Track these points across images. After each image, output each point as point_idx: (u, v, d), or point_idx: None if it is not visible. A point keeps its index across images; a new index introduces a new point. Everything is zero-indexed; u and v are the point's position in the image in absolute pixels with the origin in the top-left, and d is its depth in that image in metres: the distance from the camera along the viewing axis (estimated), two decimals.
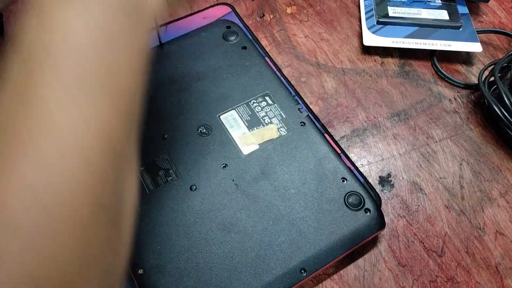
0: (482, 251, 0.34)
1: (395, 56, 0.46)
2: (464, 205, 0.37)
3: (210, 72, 0.41)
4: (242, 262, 0.31)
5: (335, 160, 0.36)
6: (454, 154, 0.39)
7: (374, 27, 0.46)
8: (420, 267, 0.34)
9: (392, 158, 0.39)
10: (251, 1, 0.50)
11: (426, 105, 0.43)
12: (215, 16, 0.48)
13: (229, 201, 0.34)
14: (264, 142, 0.37)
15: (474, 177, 0.38)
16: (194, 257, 0.31)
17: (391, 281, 0.33)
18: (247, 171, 0.35)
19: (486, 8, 0.50)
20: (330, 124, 0.41)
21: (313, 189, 0.34)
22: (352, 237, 0.32)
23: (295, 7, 0.50)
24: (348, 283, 0.33)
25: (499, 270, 0.34)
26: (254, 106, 0.39)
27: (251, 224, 0.33)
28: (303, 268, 0.31)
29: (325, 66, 0.45)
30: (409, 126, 0.41)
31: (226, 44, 0.43)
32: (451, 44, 0.45)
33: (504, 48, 0.47)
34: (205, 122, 0.38)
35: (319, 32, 0.48)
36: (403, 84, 0.44)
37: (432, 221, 0.36)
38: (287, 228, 0.32)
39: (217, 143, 0.37)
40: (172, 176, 0.35)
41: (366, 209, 0.33)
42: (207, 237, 0.32)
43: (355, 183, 0.35)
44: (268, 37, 0.47)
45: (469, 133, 0.41)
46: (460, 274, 0.33)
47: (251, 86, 0.40)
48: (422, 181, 0.38)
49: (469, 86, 0.44)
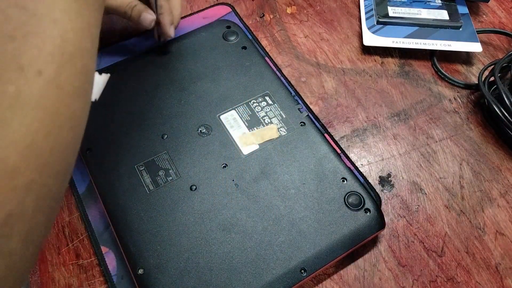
0: (482, 251, 0.34)
1: (395, 56, 0.46)
2: (464, 205, 0.37)
3: (210, 72, 0.41)
4: (242, 262, 0.31)
5: (335, 160, 0.36)
6: (454, 154, 0.39)
7: (374, 27, 0.46)
8: (420, 267, 0.34)
9: (392, 158, 0.39)
10: (251, 1, 0.50)
11: (426, 105, 0.43)
12: (215, 16, 0.48)
13: (229, 201, 0.34)
14: (264, 142, 0.37)
15: (474, 177, 0.38)
16: (194, 257, 0.31)
17: (391, 281, 0.33)
18: (247, 171, 0.35)
19: (486, 8, 0.50)
20: (330, 124, 0.41)
21: (313, 189, 0.34)
22: (352, 237, 0.32)
23: (295, 7, 0.50)
24: (348, 283, 0.33)
25: (499, 270, 0.34)
26: (254, 106, 0.39)
27: (251, 224, 0.33)
28: (303, 268, 0.31)
29: (325, 66, 0.45)
30: (409, 126, 0.41)
31: (226, 44, 0.43)
32: (451, 44, 0.45)
33: (504, 48, 0.47)
34: (205, 122, 0.38)
35: (319, 32, 0.48)
36: (403, 84, 0.44)
37: (432, 221, 0.36)
38: (287, 228, 0.32)
39: (217, 143, 0.37)
40: (172, 176, 0.35)
41: (366, 209, 0.33)
42: (207, 237, 0.32)
43: (355, 183, 0.35)
44: (268, 37, 0.47)
45: (469, 133, 0.41)
46: (460, 274, 0.33)
47: (251, 86, 0.40)
48: (422, 181, 0.38)
49: (469, 86, 0.44)
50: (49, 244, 0.34)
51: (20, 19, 0.17)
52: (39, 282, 0.33)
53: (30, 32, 0.17)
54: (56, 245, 0.34)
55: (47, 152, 0.17)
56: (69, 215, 0.36)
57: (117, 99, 0.39)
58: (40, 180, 0.17)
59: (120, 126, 0.38)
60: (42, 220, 0.18)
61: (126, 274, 0.32)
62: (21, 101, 0.16)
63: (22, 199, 0.16)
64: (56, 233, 0.35)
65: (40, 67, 0.17)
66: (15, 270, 0.17)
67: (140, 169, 0.35)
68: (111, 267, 0.33)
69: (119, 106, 0.39)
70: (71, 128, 0.19)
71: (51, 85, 0.17)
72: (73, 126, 0.19)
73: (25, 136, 0.16)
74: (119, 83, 0.40)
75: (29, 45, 0.17)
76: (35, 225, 0.18)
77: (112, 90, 0.40)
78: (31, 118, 0.16)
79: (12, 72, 0.16)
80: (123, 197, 0.34)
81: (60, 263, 0.34)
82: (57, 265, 0.33)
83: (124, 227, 0.32)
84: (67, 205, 0.36)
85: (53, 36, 0.18)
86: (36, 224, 0.18)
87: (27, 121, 0.16)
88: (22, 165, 0.16)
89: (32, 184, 0.17)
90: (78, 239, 0.35)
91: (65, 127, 0.18)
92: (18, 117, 0.16)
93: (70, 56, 0.18)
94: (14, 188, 0.16)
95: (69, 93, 0.18)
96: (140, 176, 0.35)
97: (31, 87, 0.17)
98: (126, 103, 0.39)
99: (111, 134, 0.37)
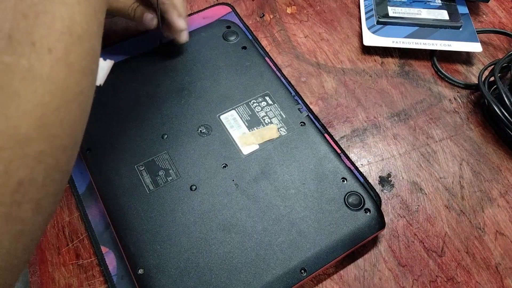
0: (482, 251, 0.34)
1: (395, 56, 0.46)
2: (464, 205, 0.37)
3: (210, 72, 0.41)
4: (242, 262, 0.31)
5: (335, 160, 0.36)
6: (454, 154, 0.39)
7: (374, 27, 0.46)
8: (420, 267, 0.34)
9: (392, 158, 0.39)
10: (251, 1, 0.50)
11: (426, 105, 0.43)
12: (215, 16, 0.48)
13: (229, 201, 0.34)
14: (264, 142, 0.37)
15: (474, 177, 0.38)
16: (194, 257, 0.31)
17: (391, 281, 0.33)
18: (247, 171, 0.35)
19: (486, 8, 0.50)
20: (330, 124, 0.41)
21: (313, 189, 0.34)
22: (352, 237, 0.32)
23: (295, 7, 0.50)
24: (348, 283, 0.33)
25: (499, 270, 0.34)
26: (254, 106, 0.39)
27: (251, 224, 0.33)
28: (303, 268, 0.31)
29: (325, 66, 0.45)
30: (409, 126, 0.41)
31: (226, 44, 0.43)
32: (451, 44, 0.45)
33: (504, 48, 0.47)
34: (205, 122, 0.38)
35: (319, 32, 0.48)
36: (403, 84, 0.44)
37: (432, 221, 0.36)
38: (287, 228, 0.32)
39: (217, 143, 0.37)
40: (172, 176, 0.35)
41: (366, 209, 0.33)
42: (207, 237, 0.32)
43: (355, 183, 0.35)
44: (268, 37, 0.47)
45: (469, 133, 0.41)
46: (460, 274, 0.33)
47: (251, 86, 0.40)
48: (422, 181, 0.38)
49: (469, 86, 0.44)
50: (49, 244, 0.34)
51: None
52: (39, 282, 0.33)
53: (41, 11, 0.18)
54: (56, 245, 0.34)
55: (56, 125, 0.18)
56: (69, 215, 0.36)
57: (117, 99, 0.39)
58: (50, 151, 0.18)
59: (120, 126, 0.38)
60: (51, 191, 0.19)
61: (126, 274, 0.32)
62: (33, 74, 0.17)
63: (33, 167, 0.17)
64: (56, 233, 0.35)
65: (50, 44, 0.18)
66: (25, 236, 0.18)
67: (140, 169, 0.35)
68: (111, 267, 0.33)
69: (119, 106, 0.39)
70: (79, 104, 0.20)
71: (60, 62, 0.18)
72: (81, 103, 0.20)
73: (37, 108, 0.17)
74: (119, 83, 0.40)
75: (40, 24, 0.18)
76: (44, 195, 0.19)
77: (112, 90, 0.40)
78: (42, 91, 0.17)
79: (25, 47, 0.17)
80: (123, 197, 0.34)
81: (60, 263, 0.34)
82: (57, 265, 0.33)
83: (124, 227, 0.32)
84: (67, 205, 0.36)
85: (62, 16, 0.19)
86: (46, 194, 0.19)
87: (38, 93, 0.17)
88: (33, 135, 0.17)
89: (42, 155, 0.18)
90: (78, 239, 0.35)
91: (74, 103, 0.19)
92: (30, 89, 0.17)
93: (78, 36, 0.19)
94: (25, 156, 0.17)
95: (78, 71, 0.19)
96: (140, 176, 0.35)
97: (42, 63, 0.17)
98: (126, 103, 0.39)
99: (111, 134, 0.37)
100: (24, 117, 0.17)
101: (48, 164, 0.18)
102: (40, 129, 0.17)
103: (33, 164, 0.18)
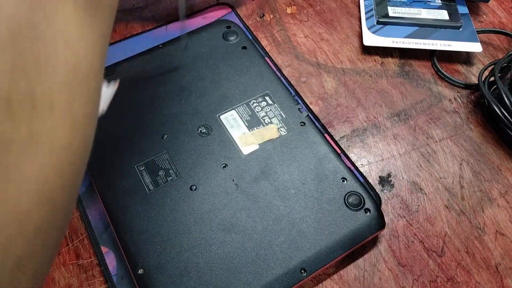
0: (482, 251, 0.34)
1: (395, 56, 0.46)
2: (464, 205, 0.37)
3: (210, 72, 0.41)
4: (242, 262, 0.31)
5: (335, 160, 0.36)
6: (454, 154, 0.39)
7: (374, 27, 0.46)
8: (420, 267, 0.34)
9: (392, 158, 0.39)
10: (251, 1, 0.50)
11: (426, 105, 0.43)
12: (215, 16, 0.48)
13: (229, 201, 0.34)
14: (264, 142, 0.37)
15: (474, 177, 0.38)
16: (194, 257, 0.31)
17: (391, 281, 0.33)
18: (247, 171, 0.35)
19: (486, 8, 0.50)
20: (330, 124, 0.41)
21: (313, 189, 0.34)
22: (352, 237, 0.32)
23: (295, 7, 0.50)
24: (348, 283, 0.33)
25: (499, 270, 0.34)
26: (254, 106, 0.39)
27: (251, 224, 0.33)
28: (303, 268, 0.31)
29: (325, 66, 0.45)
30: (409, 126, 0.41)
31: (226, 44, 0.43)
32: (451, 44, 0.45)
33: (504, 48, 0.47)
34: (205, 122, 0.38)
35: (319, 32, 0.48)
36: (403, 84, 0.44)
37: (432, 221, 0.36)
38: (287, 228, 0.32)
39: (217, 143, 0.37)
40: (172, 176, 0.35)
41: (366, 209, 0.33)
42: (207, 237, 0.32)
43: (355, 183, 0.35)
44: (268, 37, 0.47)
45: (469, 133, 0.41)
46: (460, 274, 0.33)
47: (251, 86, 0.40)
48: (422, 181, 0.38)
49: (469, 86, 0.44)
50: None
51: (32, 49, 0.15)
52: None
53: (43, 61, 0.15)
54: None
55: (58, 189, 0.17)
56: None
57: (117, 99, 0.39)
58: (51, 217, 0.17)
59: (120, 126, 0.38)
60: (50, 253, 0.18)
61: (126, 274, 0.32)
62: (33, 142, 0.15)
63: (32, 241, 0.16)
64: None
65: (52, 97, 0.16)
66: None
67: (140, 169, 0.35)
68: (111, 267, 0.33)
69: (119, 106, 0.39)
70: (82, 156, 0.18)
71: (64, 118, 0.16)
72: (84, 152, 0.18)
73: (38, 179, 0.15)
74: (119, 83, 0.40)
75: (42, 77, 0.15)
76: (44, 261, 0.17)
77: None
78: (43, 161, 0.16)
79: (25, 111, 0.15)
80: (123, 197, 0.34)
81: (60, 263, 0.34)
82: (57, 265, 0.33)
83: (124, 227, 0.32)
84: None
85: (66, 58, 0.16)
86: (45, 258, 0.17)
87: (39, 162, 0.15)
88: (34, 209, 0.16)
89: (43, 224, 0.16)
90: (78, 239, 0.35)
91: (77, 157, 0.18)
92: (30, 163, 0.15)
93: (82, 77, 0.17)
94: (24, 232, 0.15)
95: (82, 123, 0.18)
96: (140, 176, 0.35)
97: (44, 126, 0.15)
98: (126, 103, 0.39)
99: (111, 134, 0.37)
100: (24, 195, 0.15)
101: (48, 230, 0.17)
102: (42, 201, 0.16)
103: (32, 237, 0.16)
